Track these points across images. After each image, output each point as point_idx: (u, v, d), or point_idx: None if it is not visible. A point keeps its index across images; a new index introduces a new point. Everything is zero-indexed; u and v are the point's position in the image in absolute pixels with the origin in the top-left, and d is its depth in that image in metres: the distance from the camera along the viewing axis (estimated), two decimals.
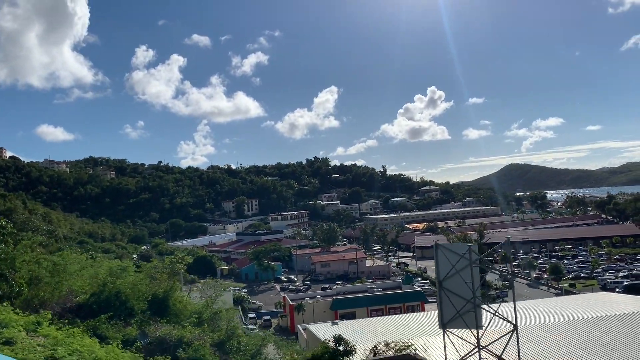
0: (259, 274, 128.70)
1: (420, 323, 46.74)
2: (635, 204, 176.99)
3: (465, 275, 14.12)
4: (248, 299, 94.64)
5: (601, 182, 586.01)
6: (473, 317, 14.30)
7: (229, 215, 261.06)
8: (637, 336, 37.96)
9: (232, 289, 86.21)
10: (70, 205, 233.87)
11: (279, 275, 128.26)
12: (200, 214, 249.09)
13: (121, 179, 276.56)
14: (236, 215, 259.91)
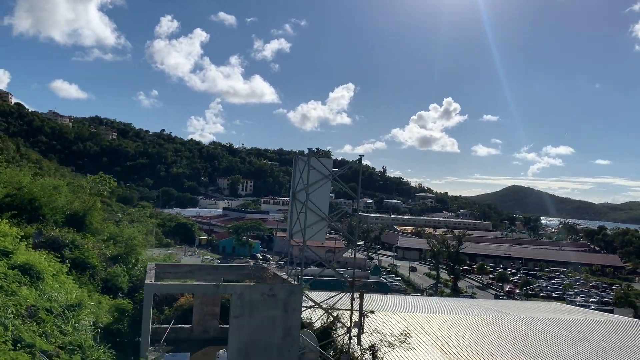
0: (236, 248, 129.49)
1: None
2: (623, 237, 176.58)
3: (319, 190, 14.51)
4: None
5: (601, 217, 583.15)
6: (322, 231, 14.70)
7: (222, 192, 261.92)
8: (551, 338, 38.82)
9: (203, 257, 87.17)
10: (67, 159, 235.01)
11: (256, 253, 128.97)
12: (193, 186, 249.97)
13: (122, 140, 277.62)
14: (229, 193, 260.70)
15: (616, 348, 38.73)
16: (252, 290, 12.45)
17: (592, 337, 41.01)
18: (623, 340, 41.04)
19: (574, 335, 40.89)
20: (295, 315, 12.57)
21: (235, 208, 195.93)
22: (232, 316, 12.22)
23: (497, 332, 39.65)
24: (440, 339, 36.84)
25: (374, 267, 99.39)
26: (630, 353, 37.70)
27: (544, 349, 37.17)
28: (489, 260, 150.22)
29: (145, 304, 12.02)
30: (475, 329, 39.84)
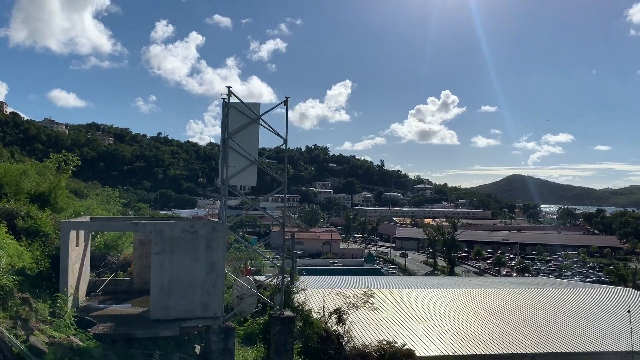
0: (232, 243, 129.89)
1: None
2: (621, 219, 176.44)
3: (246, 134, 14.68)
4: None
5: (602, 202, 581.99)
6: (252, 174, 14.88)
7: (220, 192, 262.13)
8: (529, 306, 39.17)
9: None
10: None
11: None
12: (191, 187, 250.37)
13: (119, 145, 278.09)
14: (227, 193, 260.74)
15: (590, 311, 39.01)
16: (172, 226, 12.60)
17: (568, 303, 41.23)
18: (598, 304, 41.25)
19: (551, 301, 41.09)
20: (218, 251, 12.73)
21: (232, 206, 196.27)
22: (153, 253, 12.37)
23: (476, 303, 39.87)
24: (416, 309, 37.07)
25: (368, 255, 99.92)
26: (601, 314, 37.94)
27: (520, 315, 37.42)
28: (487, 247, 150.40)
29: (62, 241, 12.18)
30: (454, 300, 40.04)
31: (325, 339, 22.59)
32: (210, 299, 12.79)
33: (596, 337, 34.67)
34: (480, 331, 33.27)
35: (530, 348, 31.92)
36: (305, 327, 21.57)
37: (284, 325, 14.07)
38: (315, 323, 21.91)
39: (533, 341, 32.79)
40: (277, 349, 13.97)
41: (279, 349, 13.96)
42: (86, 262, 14.88)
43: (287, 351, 13.97)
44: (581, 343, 33.42)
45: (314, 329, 21.66)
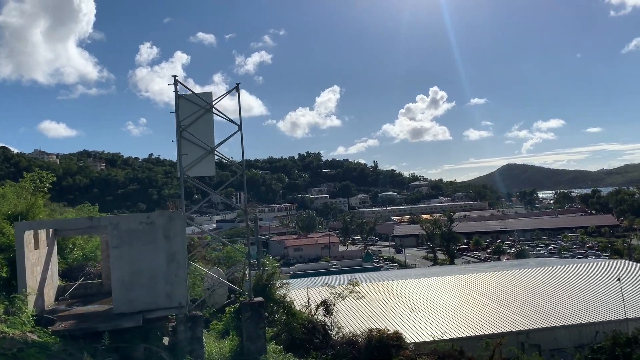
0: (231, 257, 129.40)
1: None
2: (616, 197, 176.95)
3: (201, 124, 14.68)
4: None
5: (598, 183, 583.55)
6: (210, 163, 14.87)
7: (216, 207, 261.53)
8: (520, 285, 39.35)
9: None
10: (58, 196, 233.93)
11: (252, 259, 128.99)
12: (187, 205, 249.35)
13: (111, 170, 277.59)
14: (224, 207, 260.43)
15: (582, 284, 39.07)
16: (128, 219, 12.57)
17: (561, 278, 41.32)
18: (590, 277, 41.34)
19: (543, 279, 41.18)
20: (177, 240, 12.69)
21: (228, 219, 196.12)
22: (111, 247, 12.33)
23: (468, 287, 39.94)
24: (409, 298, 37.09)
25: (366, 254, 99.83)
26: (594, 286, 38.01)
27: (513, 294, 37.49)
28: (487, 237, 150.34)
29: (17, 242, 12.12)
30: (447, 287, 40.17)
31: (311, 329, 22.52)
32: (173, 288, 12.75)
33: (590, 308, 34.77)
34: (474, 313, 33.30)
35: (524, 325, 31.95)
36: (288, 318, 21.53)
37: (254, 310, 14.01)
38: (298, 314, 21.84)
39: (526, 318, 32.83)
40: (248, 335, 13.91)
41: (251, 335, 13.90)
42: (52, 267, 14.79)
43: (259, 336, 13.91)
44: (575, 315, 33.50)
45: (297, 319, 21.60)
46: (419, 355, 23.60)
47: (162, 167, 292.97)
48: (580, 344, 30.89)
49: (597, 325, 31.96)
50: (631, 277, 40.98)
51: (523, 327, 31.45)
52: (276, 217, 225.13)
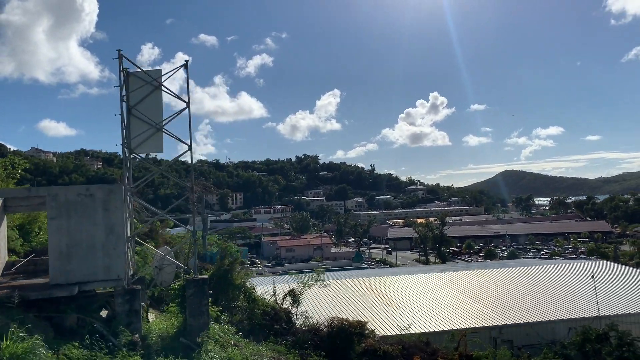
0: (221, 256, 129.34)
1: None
2: (611, 203, 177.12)
3: (150, 101, 14.73)
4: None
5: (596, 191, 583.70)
6: (157, 141, 14.90)
7: (212, 208, 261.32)
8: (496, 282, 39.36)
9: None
10: None
11: (243, 259, 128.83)
12: (183, 205, 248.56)
13: (107, 169, 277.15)
14: (220, 208, 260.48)
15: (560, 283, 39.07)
16: (67, 191, 12.59)
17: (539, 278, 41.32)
18: (569, 276, 41.37)
19: (522, 278, 41.18)
20: (117, 213, 12.71)
21: (222, 219, 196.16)
22: (49, 218, 12.35)
23: (447, 284, 39.96)
24: (388, 293, 37.09)
25: (356, 255, 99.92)
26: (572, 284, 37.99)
27: (489, 291, 37.51)
28: (480, 241, 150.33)
29: None
30: (426, 283, 40.17)
31: (273, 316, 22.54)
32: (111, 261, 12.76)
33: (565, 305, 34.80)
34: (448, 309, 33.32)
35: (497, 320, 31.97)
36: (249, 304, 21.55)
37: (198, 287, 14.02)
38: (259, 300, 21.87)
39: (500, 314, 32.85)
40: (191, 311, 13.91)
41: (194, 311, 13.90)
42: (0, 242, 14.80)
43: (202, 313, 13.92)
44: (549, 312, 33.52)
45: (258, 305, 21.62)
46: (383, 345, 23.62)
47: (159, 167, 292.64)
48: (553, 340, 30.92)
49: (570, 322, 31.99)
50: (610, 277, 41.05)
51: (495, 323, 31.50)
52: (271, 218, 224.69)
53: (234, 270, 21.36)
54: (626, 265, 56.16)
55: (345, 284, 40.10)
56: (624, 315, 31.96)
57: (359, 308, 33.15)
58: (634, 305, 34.10)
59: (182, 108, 15.04)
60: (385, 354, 22.82)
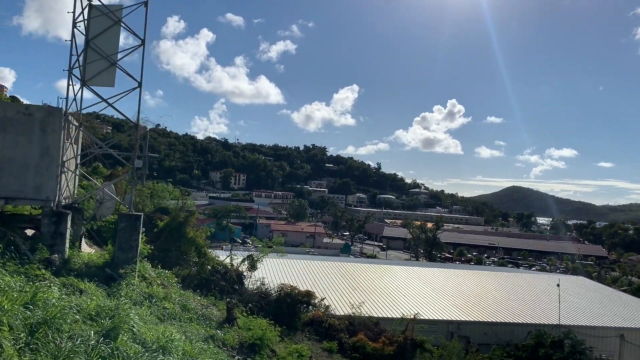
0: (216, 233, 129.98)
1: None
2: (610, 230, 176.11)
3: (109, 36, 14.87)
4: None
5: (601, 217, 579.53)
6: (111, 75, 15.04)
7: (214, 185, 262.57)
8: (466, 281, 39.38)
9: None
10: None
11: (236, 237, 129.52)
12: (186, 179, 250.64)
13: (115, 134, 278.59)
14: (222, 187, 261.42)
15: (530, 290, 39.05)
16: (6, 107, 12.80)
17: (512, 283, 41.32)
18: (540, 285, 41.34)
19: (495, 281, 41.19)
20: (54, 136, 12.89)
21: (221, 197, 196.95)
22: None
23: (416, 277, 40.07)
24: (356, 279, 37.24)
25: (344, 246, 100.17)
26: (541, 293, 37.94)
27: (454, 288, 37.56)
28: (474, 250, 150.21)
29: None
30: (396, 274, 40.28)
31: (223, 274, 22.78)
32: (43, 181, 12.97)
33: (528, 310, 34.80)
34: (409, 298, 33.40)
35: (455, 316, 32.05)
36: (200, 259, 21.78)
37: (130, 221, 14.21)
38: (209, 255, 22.09)
39: (460, 310, 32.90)
40: (121, 244, 14.11)
41: (123, 245, 14.10)
42: None
43: (131, 247, 14.11)
44: (510, 314, 33.55)
45: (209, 261, 21.85)
46: (330, 317, 23.82)
47: (167, 139, 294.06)
48: (511, 341, 30.93)
49: (529, 326, 32.01)
50: (581, 291, 40.99)
51: (454, 318, 31.59)
52: (271, 203, 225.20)
53: (188, 224, 21.58)
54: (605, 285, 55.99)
55: (317, 265, 40.36)
56: (583, 327, 31.94)
57: (323, 287, 33.37)
58: (595, 319, 34.09)
59: (137, 45, 15.14)
60: (330, 326, 23.04)
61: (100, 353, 8.72)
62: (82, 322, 9.86)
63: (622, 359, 32.54)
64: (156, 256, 19.59)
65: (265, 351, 14.11)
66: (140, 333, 10.23)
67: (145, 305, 12.77)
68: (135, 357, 9.06)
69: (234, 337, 13.90)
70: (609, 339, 32.65)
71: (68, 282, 11.66)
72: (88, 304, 10.65)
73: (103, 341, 9.05)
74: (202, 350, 11.31)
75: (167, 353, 9.96)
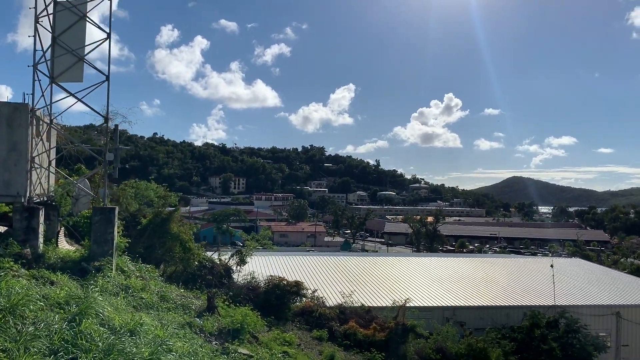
0: (217, 237, 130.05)
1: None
2: (611, 214, 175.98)
3: (75, 32, 14.88)
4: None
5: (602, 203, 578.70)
6: (78, 70, 15.05)
7: (214, 191, 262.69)
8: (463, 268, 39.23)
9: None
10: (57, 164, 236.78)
11: (237, 241, 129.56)
12: (185, 186, 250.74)
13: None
14: (221, 192, 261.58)
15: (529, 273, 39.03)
16: None
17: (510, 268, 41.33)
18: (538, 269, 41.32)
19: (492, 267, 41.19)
20: (21, 131, 12.91)
21: (220, 201, 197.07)
22: None
23: (411, 267, 40.05)
24: (350, 272, 37.21)
25: (344, 243, 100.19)
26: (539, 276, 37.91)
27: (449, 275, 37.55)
28: (475, 241, 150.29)
29: None
30: (390, 265, 40.24)
31: (210, 268, 22.78)
32: (12, 177, 12.98)
33: (524, 293, 34.77)
34: (403, 287, 33.33)
35: (450, 301, 32.02)
36: (185, 254, 21.75)
37: (104, 215, 14.22)
38: (194, 250, 22.06)
39: (455, 296, 32.88)
40: (96, 238, 14.12)
41: (98, 239, 14.10)
42: None
43: (106, 240, 14.11)
44: (505, 298, 33.52)
45: (194, 255, 21.82)
46: (320, 307, 23.83)
47: (165, 147, 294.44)
48: (507, 324, 30.87)
49: (525, 308, 31.90)
50: (577, 272, 40.98)
51: (449, 304, 31.55)
52: (271, 205, 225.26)
53: (172, 220, 21.56)
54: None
55: (311, 260, 40.38)
56: (579, 307, 31.92)
57: (315, 279, 33.35)
58: (591, 298, 34.05)
59: (103, 38, 15.14)
60: (321, 316, 23.04)
61: (63, 336, 8.71)
62: (48, 309, 9.86)
63: (620, 335, 32.49)
64: (141, 253, 19.61)
65: (246, 336, 14.09)
66: (109, 319, 10.22)
67: (120, 296, 12.76)
68: (100, 339, 9.04)
69: (213, 324, 13.88)
70: (605, 317, 32.61)
71: (39, 275, 11.66)
72: (57, 293, 10.65)
73: (68, 325, 9.05)
74: (175, 334, 11.29)
75: (135, 336, 9.94)
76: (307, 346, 19.51)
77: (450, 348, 24.94)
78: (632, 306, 33.52)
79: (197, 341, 12.08)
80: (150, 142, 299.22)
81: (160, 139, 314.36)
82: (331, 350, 18.82)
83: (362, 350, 21.08)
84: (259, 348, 14.21)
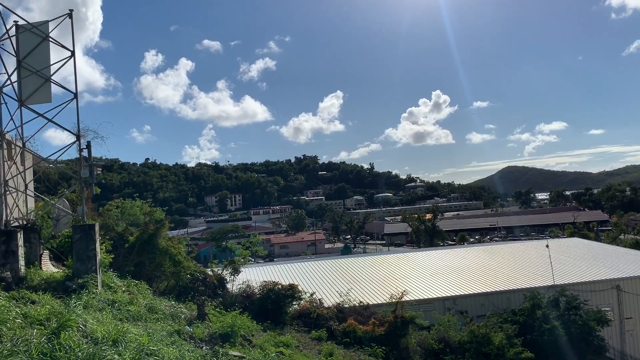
0: (217, 255, 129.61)
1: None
2: (607, 193, 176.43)
3: (40, 53, 14.89)
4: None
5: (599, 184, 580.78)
6: (46, 91, 15.03)
7: (211, 210, 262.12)
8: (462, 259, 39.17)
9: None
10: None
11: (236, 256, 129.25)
12: (182, 208, 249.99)
13: (106, 174, 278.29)
14: (219, 210, 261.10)
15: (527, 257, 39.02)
16: None
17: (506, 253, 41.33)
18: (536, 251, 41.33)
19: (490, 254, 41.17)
20: None
21: (217, 219, 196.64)
22: None
23: (409, 262, 39.98)
24: (347, 272, 37.11)
25: (344, 247, 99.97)
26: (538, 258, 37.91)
27: (447, 266, 37.48)
28: (476, 234, 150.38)
29: None
30: (388, 262, 40.17)
31: (203, 280, 22.64)
32: None
33: (523, 276, 34.73)
34: (402, 283, 33.25)
35: (450, 292, 31.95)
36: (175, 268, 21.62)
37: (84, 231, 14.13)
38: (184, 262, 21.92)
39: (455, 286, 32.80)
40: (78, 256, 14.02)
41: (80, 256, 14.00)
42: None
43: (89, 257, 14.02)
44: (505, 282, 33.47)
45: (184, 269, 21.69)
46: (318, 308, 23.71)
47: (158, 171, 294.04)
48: (508, 308, 30.85)
49: (525, 291, 31.84)
50: (575, 250, 41.00)
51: (449, 294, 31.46)
52: (270, 219, 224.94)
53: (159, 235, 21.45)
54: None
55: (308, 265, 40.29)
56: (579, 284, 31.93)
57: (313, 283, 33.24)
58: (590, 274, 34.05)
59: (67, 57, 15.15)
60: (319, 316, 22.93)
61: (42, 350, 8.62)
62: (28, 327, 9.76)
63: (622, 308, 32.47)
64: (131, 271, 19.49)
65: (237, 339, 13.98)
66: (91, 331, 10.12)
67: (106, 311, 12.64)
68: (80, 350, 8.95)
69: (203, 330, 13.77)
70: (606, 292, 32.62)
71: (19, 295, 11.55)
72: (38, 311, 10.55)
73: (47, 339, 8.96)
74: (161, 341, 11.18)
75: (118, 345, 9.84)
76: (306, 347, 19.39)
77: (453, 337, 24.88)
78: (632, 278, 33.54)
79: (185, 347, 11.97)
80: (142, 168, 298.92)
81: (152, 163, 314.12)
82: (330, 348, 18.70)
83: (362, 347, 20.96)
84: (252, 350, 14.09)
